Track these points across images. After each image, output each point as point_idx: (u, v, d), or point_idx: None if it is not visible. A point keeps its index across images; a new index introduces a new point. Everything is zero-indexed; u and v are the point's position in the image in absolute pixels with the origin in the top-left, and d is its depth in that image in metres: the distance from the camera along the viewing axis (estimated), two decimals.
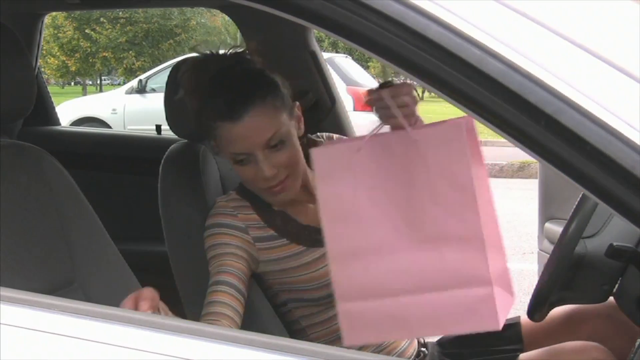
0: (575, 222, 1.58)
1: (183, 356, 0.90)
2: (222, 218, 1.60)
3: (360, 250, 1.11)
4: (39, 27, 2.91)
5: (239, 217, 1.59)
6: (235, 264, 1.55)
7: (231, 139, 1.53)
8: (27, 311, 0.96)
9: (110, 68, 25.88)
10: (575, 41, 0.86)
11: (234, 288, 1.51)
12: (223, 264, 1.55)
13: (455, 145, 1.05)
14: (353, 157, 1.12)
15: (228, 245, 1.57)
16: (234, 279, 1.53)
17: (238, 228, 1.58)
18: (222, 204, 1.62)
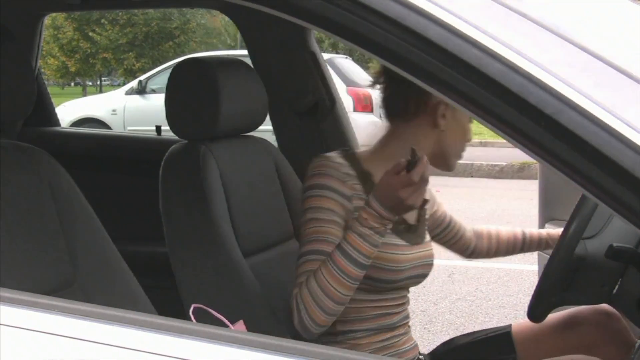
0: (575, 223, 1.58)
1: (183, 357, 0.90)
2: (333, 182, 1.60)
3: None
4: (39, 28, 2.91)
5: (348, 185, 1.61)
6: (336, 233, 1.57)
7: None
8: (27, 312, 0.96)
9: (110, 69, 25.90)
10: (575, 42, 0.86)
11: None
12: (326, 232, 1.57)
13: None
14: None
15: (333, 212, 1.58)
16: (331, 247, 1.55)
17: (345, 196, 1.60)
18: (332, 165, 1.62)
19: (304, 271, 1.56)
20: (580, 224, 1.59)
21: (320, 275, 1.52)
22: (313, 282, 1.52)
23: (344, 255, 1.51)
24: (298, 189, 2.10)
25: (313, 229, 1.58)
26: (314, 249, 1.56)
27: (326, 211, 1.58)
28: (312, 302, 1.52)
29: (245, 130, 1.99)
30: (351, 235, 1.52)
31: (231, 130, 1.89)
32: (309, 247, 1.57)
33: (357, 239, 1.52)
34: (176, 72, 1.84)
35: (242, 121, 1.93)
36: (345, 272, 1.51)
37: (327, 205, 1.58)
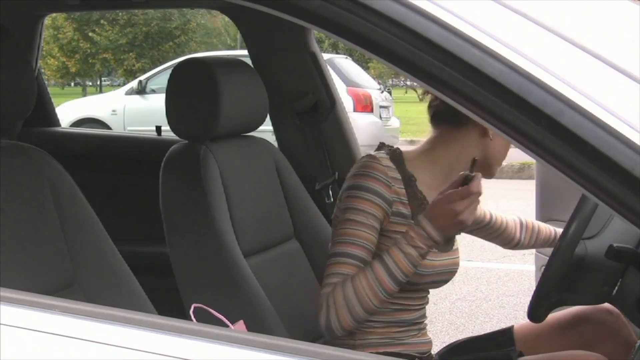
0: (575, 223, 1.58)
1: (183, 357, 0.90)
2: (378, 185, 1.60)
3: None
4: (39, 28, 2.91)
5: (392, 189, 1.61)
6: (373, 239, 1.58)
7: None
8: (27, 312, 0.95)
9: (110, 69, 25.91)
10: (575, 42, 0.86)
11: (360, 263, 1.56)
12: (363, 236, 1.58)
13: None
14: None
15: (373, 216, 1.59)
16: (365, 253, 1.57)
17: (387, 200, 1.60)
18: (379, 168, 1.61)
19: (336, 272, 1.56)
20: (580, 224, 1.59)
21: (358, 282, 1.53)
22: (349, 287, 1.53)
23: (384, 269, 1.54)
24: (298, 189, 2.10)
25: (351, 231, 1.58)
26: (349, 251, 1.57)
27: (367, 215, 1.58)
28: (344, 306, 1.53)
29: (245, 130, 1.99)
30: (395, 252, 1.54)
31: (231, 131, 1.89)
32: (344, 249, 1.58)
33: (400, 256, 1.54)
34: (176, 72, 1.85)
35: (242, 121, 1.94)
36: (382, 285, 1.54)
37: (369, 209, 1.59)
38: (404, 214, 1.62)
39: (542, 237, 2.01)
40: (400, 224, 1.62)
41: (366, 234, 1.58)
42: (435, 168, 1.68)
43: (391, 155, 1.66)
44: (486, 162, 1.69)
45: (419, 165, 1.67)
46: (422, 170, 1.66)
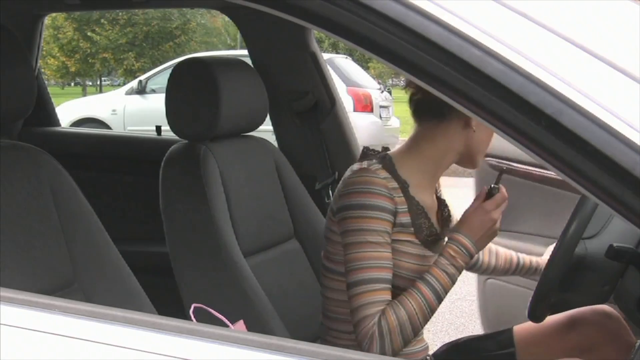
0: (575, 223, 1.58)
1: (183, 357, 0.90)
2: (381, 200, 1.56)
3: None
4: (39, 28, 2.91)
5: (394, 201, 1.57)
6: (390, 255, 1.56)
7: None
8: (27, 312, 0.95)
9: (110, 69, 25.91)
10: (575, 42, 0.86)
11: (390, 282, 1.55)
12: (381, 257, 1.55)
13: None
14: None
15: (385, 233, 1.56)
16: (391, 273, 1.55)
17: (393, 213, 1.57)
18: (380, 182, 1.57)
19: (375, 300, 1.53)
20: (580, 224, 1.59)
21: (410, 307, 1.53)
22: (403, 313, 1.52)
23: (431, 291, 1.54)
24: (298, 189, 2.10)
25: (372, 253, 1.54)
26: (379, 276, 1.54)
27: (382, 233, 1.55)
28: (398, 331, 1.52)
29: (245, 130, 1.99)
30: (439, 272, 1.55)
31: (231, 130, 1.89)
32: (368, 274, 1.54)
33: (443, 275, 1.55)
34: (176, 72, 1.84)
35: (242, 121, 1.94)
36: (430, 306, 1.55)
37: (381, 227, 1.55)
38: (404, 223, 1.59)
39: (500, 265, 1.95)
40: (399, 232, 1.60)
41: (387, 254, 1.55)
42: (423, 167, 1.66)
43: (384, 164, 1.62)
44: (469, 153, 1.67)
45: (408, 167, 1.64)
46: (412, 171, 1.64)
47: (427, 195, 1.68)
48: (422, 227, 1.63)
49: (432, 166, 1.67)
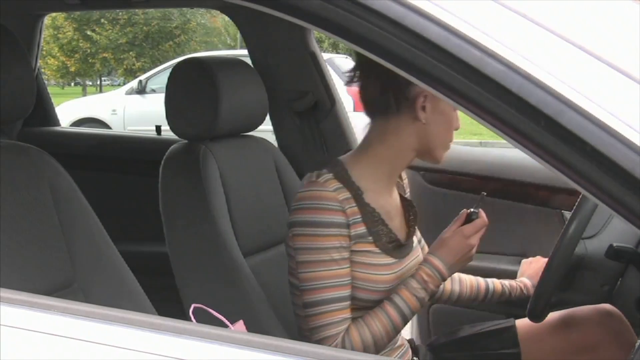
0: (575, 223, 1.58)
1: (183, 357, 0.90)
2: (333, 215, 1.48)
3: None
4: (38, 28, 2.91)
5: (346, 214, 1.49)
6: (347, 271, 1.51)
7: None
8: (26, 312, 0.95)
9: (110, 69, 25.90)
10: (575, 42, 0.86)
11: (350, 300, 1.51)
12: (338, 274, 1.49)
13: None
14: None
15: (338, 249, 1.49)
16: (350, 289, 1.51)
17: (345, 226, 1.49)
18: (329, 196, 1.48)
19: (334, 321, 1.49)
20: (580, 224, 1.59)
21: (374, 327, 1.51)
22: (368, 333, 1.50)
23: (398, 312, 1.52)
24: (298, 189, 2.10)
25: (322, 273, 1.48)
26: (332, 296, 1.49)
27: (333, 250, 1.48)
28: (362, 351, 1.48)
29: (245, 130, 1.99)
30: (408, 295, 1.53)
31: (231, 130, 1.89)
32: (325, 295, 1.49)
33: (413, 299, 1.53)
34: (176, 72, 1.84)
35: (242, 121, 1.94)
36: (396, 327, 1.53)
37: (333, 244, 1.48)
38: (360, 234, 1.52)
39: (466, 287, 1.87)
40: (357, 243, 1.52)
41: (342, 270, 1.50)
42: (378, 169, 1.58)
43: (335, 172, 1.53)
44: (426, 149, 1.58)
45: (362, 171, 1.56)
46: (366, 175, 1.56)
47: (385, 199, 1.61)
48: (380, 234, 1.56)
49: (387, 167, 1.59)
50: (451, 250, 1.54)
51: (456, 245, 1.54)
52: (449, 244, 1.54)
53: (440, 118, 1.55)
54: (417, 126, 1.54)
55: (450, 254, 1.54)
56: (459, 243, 1.54)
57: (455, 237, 1.54)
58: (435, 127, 1.55)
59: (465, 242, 1.54)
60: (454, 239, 1.54)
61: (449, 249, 1.54)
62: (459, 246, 1.54)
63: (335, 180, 1.51)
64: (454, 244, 1.54)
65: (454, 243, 1.54)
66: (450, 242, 1.54)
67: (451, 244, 1.54)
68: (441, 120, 1.56)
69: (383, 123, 1.57)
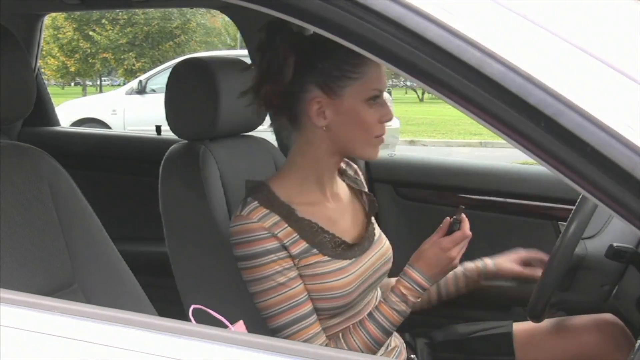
0: (575, 223, 1.58)
1: (183, 357, 0.90)
2: (265, 244, 1.50)
3: None
4: (38, 28, 2.91)
5: (280, 236, 1.50)
6: (300, 289, 1.51)
7: (379, 75, 1.51)
8: (26, 313, 0.95)
9: (110, 69, 25.91)
10: (575, 43, 0.86)
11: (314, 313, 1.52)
12: (291, 296, 1.50)
13: None
14: None
15: (285, 270, 1.50)
16: (310, 304, 1.52)
17: (283, 248, 1.50)
18: (256, 227, 1.50)
19: (306, 339, 1.49)
20: (580, 224, 1.59)
21: (352, 342, 1.52)
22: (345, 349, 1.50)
23: (377, 326, 1.53)
24: None
25: (277, 299, 1.50)
26: (293, 317, 1.50)
27: (276, 276, 1.49)
28: None
29: (244, 130, 1.99)
30: (386, 309, 1.54)
31: (231, 130, 1.89)
32: (286, 318, 1.50)
33: (392, 312, 1.54)
34: (176, 72, 1.84)
35: (241, 121, 1.93)
36: (375, 339, 1.53)
37: (274, 269, 1.49)
38: (303, 250, 1.52)
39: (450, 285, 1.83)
40: (304, 259, 1.52)
41: (296, 290, 1.50)
42: (305, 183, 1.59)
43: (260, 199, 1.53)
44: (346, 149, 1.56)
45: (290, 190, 1.57)
46: (295, 193, 1.57)
47: (322, 207, 1.60)
48: (324, 242, 1.55)
49: (312, 177, 1.59)
50: (430, 262, 1.54)
51: (434, 257, 1.54)
52: (427, 256, 1.55)
53: (347, 118, 1.52)
54: (323, 132, 1.53)
55: (429, 266, 1.54)
56: (437, 255, 1.54)
57: (433, 249, 1.54)
58: (344, 128, 1.52)
59: (443, 255, 1.54)
60: (432, 251, 1.54)
61: (427, 261, 1.54)
62: (436, 258, 1.54)
63: (260, 208, 1.51)
64: (432, 256, 1.54)
65: (432, 255, 1.54)
66: (428, 254, 1.55)
67: (429, 255, 1.54)
68: (348, 120, 1.52)
69: (297, 136, 1.59)
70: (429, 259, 1.54)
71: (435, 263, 1.54)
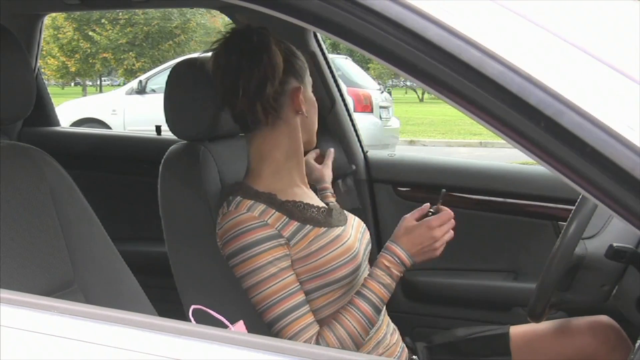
0: (575, 223, 1.58)
1: (183, 358, 0.90)
2: (258, 233, 1.53)
3: None
4: (38, 28, 2.91)
5: (270, 224, 1.53)
6: (293, 278, 1.54)
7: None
8: (26, 313, 0.95)
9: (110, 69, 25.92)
10: (575, 43, 0.86)
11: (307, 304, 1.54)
12: (286, 285, 1.52)
13: None
14: None
15: (278, 260, 1.53)
16: (303, 294, 1.54)
17: (275, 236, 1.53)
18: (247, 218, 1.54)
19: (301, 328, 1.51)
20: (580, 224, 1.59)
21: (347, 323, 1.53)
22: (341, 331, 1.52)
23: (368, 304, 1.54)
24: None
25: (270, 290, 1.52)
26: (287, 307, 1.52)
27: (268, 267, 1.52)
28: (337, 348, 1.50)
29: None
30: (373, 284, 1.55)
31: (230, 131, 1.89)
32: (280, 309, 1.51)
33: (379, 287, 1.55)
34: (175, 72, 1.84)
35: None
36: (367, 317, 1.54)
37: (269, 258, 1.52)
38: (297, 229, 1.56)
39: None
40: (298, 240, 1.56)
41: (286, 281, 1.52)
42: (282, 171, 1.65)
43: (242, 194, 1.58)
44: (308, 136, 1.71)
45: (268, 181, 1.63)
46: (274, 182, 1.63)
47: (299, 188, 1.67)
48: (314, 215, 1.60)
49: (290, 164, 1.66)
50: (414, 239, 1.56)
51: (419, 235, 1.56)
52: (412, 233, 1.56)
53: (310, 105, 1.69)
54: (301, 120, 1.65)
55: (413, 243, 1.56)
56: (423, 234, 1.55)
57: (420, 228, 1.56)
58: (310, 115, 1.68)
59: (429, 233, 1.55)
60: (419, 229, 1.56)
61: (411, 238, 1.56)
62: (422, 236, 1.55)
63: (245, 201, 1.56)
64: (417, 234, 1.56)
65: (418, 233, 1.56)
66: (415, 232, 1.56)
67: (415, 233, 1.56)
68: (311, 107, 1.69)
69: (271, 131, 1.63)
70: (414, 236, 1.56)
71: (419, 241, 1.55)
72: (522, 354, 1.81)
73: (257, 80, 1.55)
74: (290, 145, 1.64)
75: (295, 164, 1.67)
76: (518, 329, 1.86)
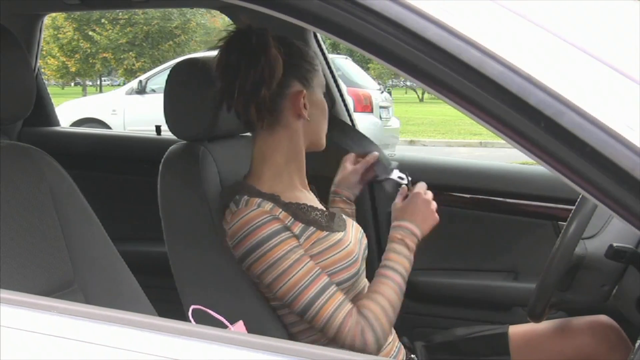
0: (575, 223, 1.58)
1: (182, 358, 0.89)
2: (273, 225, 1.53)
3: None
4: (38, 28, 2.91)
5: (280, 220, 1.54)
6: (313, 263, 1.54)
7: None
8: (26, 313, 0.95)
9: (110, 69, 25.92)
10: (575, 43, 0.86)
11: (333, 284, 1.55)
12: (312, 268, 1.53)
13: None
14: None
15: (295, 248, 1.53)
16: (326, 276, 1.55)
17: (285, 229, 1.54)
18: (259, 212, 1.54)
19: (338, 305, 1.52)
20: (580, 224, 1.59)
21: (388, 293, 1.55)
22: (382, 299, 1.54)
23: (394, 271, 1.58)
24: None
25: (296, 277, 1.52)
26: (317, 290, 1.52)
27: (288, 255, 1.52)
28: (382, 315, 1.53)
29: (244, 130, 1.99)
30: (392, 255, 1.60)
31: (230, 130, 1.89)
32: (311, 292, 1.51)
33: (398, 257, 1.60)
34: (175, 72, 1.84)
35: None
36: (402, 289, 1.59)
37: (287, 248, 1.52)
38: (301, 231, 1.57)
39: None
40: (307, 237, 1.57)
41: (308, 266, 1.52)
42: (284, 174, 1.65)
43: (248, 193, 1.59)
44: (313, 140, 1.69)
45: (270, 183, 1.63)
46: (276, 184, 1.63)
47: (300, 191, 1.68)
48: (317, 219, 1.61)
49: (291, 167, 1.66)
50: (412, 210, 1.64)
51: (414, 205, 1.65)
52: (407, 207, 1.65)
53: (317, 109, 1.66)
54: (303, 125, 1.63)
55: (413, 213, 1.64)
56: (416, 202, 1.65)
57: (411, 200, 1.66)
58: (317, 118, 1.65)
59: (420, 199, 1.65)
60: (411, 202, 1.66)
61: (409, 211, 1.64)
62: (416, 205, 1.65)
63: (253, 199, 1.57)
64: (412, 206, 1.65)
65: (412, 205, 1.65)
66: (409, 206, 1.65)
67: (410, 206, 1.65)
68: (318, 110, 1.66)
69: (271, 133, 1.63)
70: (409, 209, 1.65)
71: (416, 210, 1.65)
72: (522, 353, 1.81)
73: (252, 81, 1.54)
74: (291, 149, 1.64)
75: (295, 167, 1.67)
76: (518, 329, 1.86)
